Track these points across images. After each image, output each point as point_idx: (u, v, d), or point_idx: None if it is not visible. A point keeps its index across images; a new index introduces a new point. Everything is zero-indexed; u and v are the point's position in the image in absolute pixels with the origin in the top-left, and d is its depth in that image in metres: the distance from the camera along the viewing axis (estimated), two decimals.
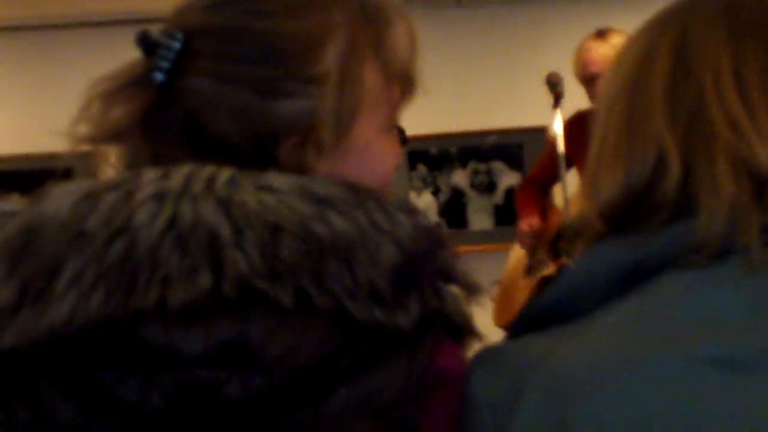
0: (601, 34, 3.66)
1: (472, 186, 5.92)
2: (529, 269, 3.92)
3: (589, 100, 3.72)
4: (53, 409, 0.92)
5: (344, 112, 1.01)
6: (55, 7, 5.73)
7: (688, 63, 0.95)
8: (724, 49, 0.94)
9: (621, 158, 0.96)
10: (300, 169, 0.99)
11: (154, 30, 1.03)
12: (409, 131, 1.13)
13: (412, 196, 5.86)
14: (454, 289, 0.98)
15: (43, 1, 5.64)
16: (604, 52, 3.58)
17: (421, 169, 5.92)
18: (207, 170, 0.94)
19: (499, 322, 3.98)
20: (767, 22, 0.95)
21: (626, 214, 0.95)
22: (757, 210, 0.89)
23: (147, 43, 1.02)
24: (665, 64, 0.96)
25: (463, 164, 5.93)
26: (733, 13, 0.96)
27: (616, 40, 3.60)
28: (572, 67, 3.70)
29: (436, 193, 5.90)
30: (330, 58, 1.01)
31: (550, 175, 3.98)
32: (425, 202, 5.86)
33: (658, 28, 1.00)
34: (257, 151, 1.00)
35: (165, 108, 1.02)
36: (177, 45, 1.01)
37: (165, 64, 1.01)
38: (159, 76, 1.01)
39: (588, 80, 3.64)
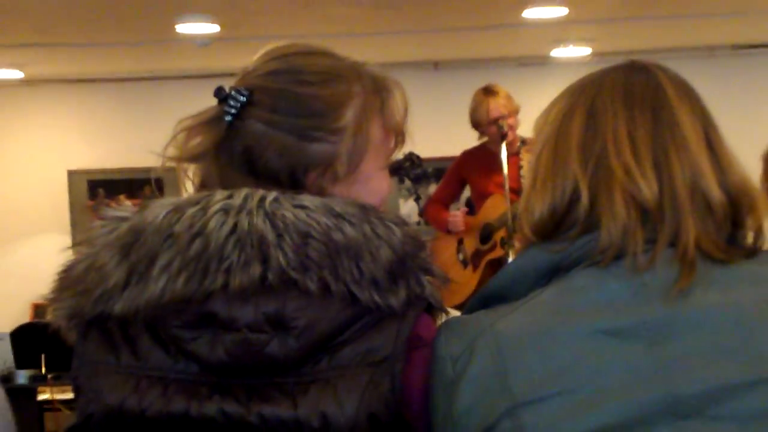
0: (488, 91, 3.71)
1: None
2: (465, 262, 3.87)
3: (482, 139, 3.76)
4: (148, 355, 0.93)
5: (355, 154, 1.01)
6: (152, 64, 5.74)
7: (596, 123, 0.95)
8: (621, 114, 0.94)
9: (548, 189, 0.95)
10: (321, 192, 0.99)
11: (226, 85, 1.03)
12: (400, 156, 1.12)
13: (401, 202, 5.86)
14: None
15: (144, 60, 5.65)
16: (498, 101, 3.65)
17: (407, 183, 5.90)
18: (259, 193, 0.94)
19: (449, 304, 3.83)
20: (651, 96, 0.95)
21: (550, 228, 0.95)
22: (642, 229, 0.90)
23: (222, 95, 1.02)
24: (580, 122, 0.96)
25: (437, 180, 5.92)
26: (628, 87, 0.96)
27: (502, 92, 3.68)
28: (472, 116, 3.74)
29: (417, 200, 5.87)
30: (348, 116, 1.01)
31: (449, 197, 4.09)
32: (409, 206, 5.85)
33: (576, 94, 0.99)
34: (292, 178, 1.00)
35: (230, 141, 1.01)
36: (243, 98, 1.01)
37: (233, 111, 1.00)
38: (228, 119, 1.01)
39: (485, 125, 3.69)
